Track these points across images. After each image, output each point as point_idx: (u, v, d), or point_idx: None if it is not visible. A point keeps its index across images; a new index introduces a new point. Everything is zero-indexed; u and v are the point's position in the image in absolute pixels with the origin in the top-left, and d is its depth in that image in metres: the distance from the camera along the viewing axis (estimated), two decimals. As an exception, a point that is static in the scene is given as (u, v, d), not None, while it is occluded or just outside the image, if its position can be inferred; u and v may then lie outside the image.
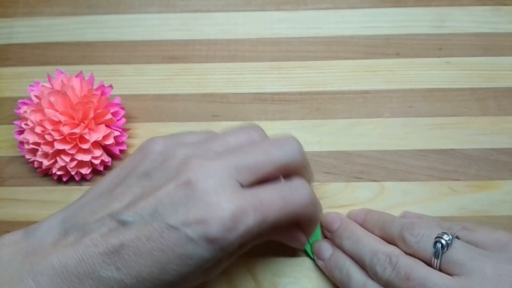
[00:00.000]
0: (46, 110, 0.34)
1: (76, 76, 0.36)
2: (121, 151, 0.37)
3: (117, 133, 0.35)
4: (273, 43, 0.41)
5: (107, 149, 0.36)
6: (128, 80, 0.40)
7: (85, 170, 0.35)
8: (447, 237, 0.27)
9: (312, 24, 0.42)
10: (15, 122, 0.36)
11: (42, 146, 0.34)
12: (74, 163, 0.34)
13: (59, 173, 0.35)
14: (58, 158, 0.34)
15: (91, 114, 0.34)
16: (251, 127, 0.28)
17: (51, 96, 0.34)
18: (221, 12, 0.43)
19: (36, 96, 0.35)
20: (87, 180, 0.36)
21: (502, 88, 0.38)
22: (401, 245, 0.28)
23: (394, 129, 0.37)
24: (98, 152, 0.35)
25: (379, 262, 0.28)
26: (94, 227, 0.24)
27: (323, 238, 0.33)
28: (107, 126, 0.35)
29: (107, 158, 0.36)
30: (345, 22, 0.42)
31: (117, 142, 0.36)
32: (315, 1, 0.43)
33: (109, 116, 0.35)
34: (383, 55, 0.40)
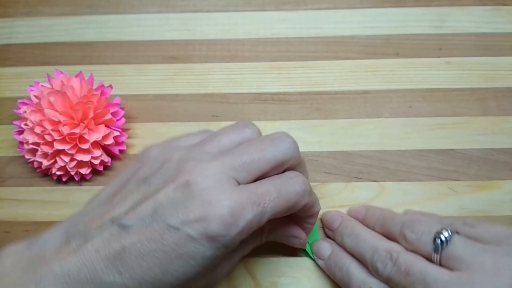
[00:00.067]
0: (46, 110, 0.34)
1: (76, 76, 0.36)
2: (121, 151, 0.37)
3: (117, 133, 0.35)
4: (273, 43, 0.41)
5: (107, 149, 0.36)
6: (128, 80, 0.40)
7: (85, 170, 0.35)
8: (447, 233, 0.27)
9: (312, 24, 0.42)
10: (15, 122, 0.36)
11: (42, 146, 0.34)
12: (74, 163, 0.34)
13: (59, 173, 0.35)
14: (58, 158, 0.34)
15: (91, 114, 0.34)
16: (245, 125, 0.28)
17: (51, 96, 0.34)
18: (221, 12, 0.43)
19: (36, 96, 0.35)
20: (87, 180, 0.36)
21: (502, 88, 0.38)
22: (402, 242, 0.29)
23: (394, 129, 0.37)
24: (98, 152, 0.35)
25: (380, 259, 0.28)
26: (96, 233, 0.24)
27: (323, 237, 0.33)
28: (107, 126, 0.35)
29: (107, 158, 0.36)
30: (345, 22, 0.42)
31: (117, 142, 0.36)
32: (315, 1, 0.43)
33: (109, 116, 0.35)
34: (383, 55, 0.40)
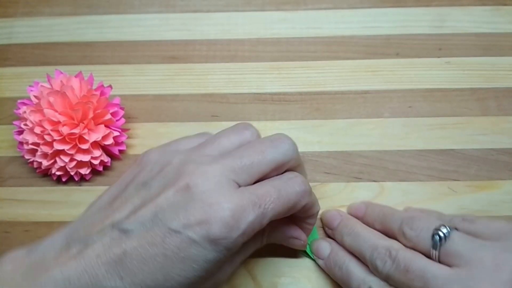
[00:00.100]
0: (46, 111, 0.33)
1: (76, 76, 0.36)
2: (121, 151, 0.37)
3: (117, 133, 0.35)
4: (273, 43, 0.41)
5: (107, 149, 0.36)
6: (128, 80, 0.40)
7: (84, 170, 0.35)
8: (445, 229, 0.27)
9: (312, 24, 0.42)
10: (15, 123, 0.36)
11: (42, 147, 0.34)
12: (73, 163, 0.34)
13: (59, 173, 0.35)
14: (58, 159, 0.34)
15: (91, 114, 0.34)
16: (244, 127, 0.28)
17: (51, 96, 0.34)
18: (221, 12, 0.43)
19: (36, 96, 0.35)
20: (87, 181, 0.36)
21: (502, 88, 0.38)
22: (401, 239, 0.29)
23: (394, 129, 0.37)
24: (98, 153, 0.35)
25: (379, 256, 0.28)
26: (96, 238, 0.24)
27: (322, 237, 0.33)
28: (107, 126, 0.35)
29: (107, 159, 0.36)
30: (345, 22, 0.42)
31: (117, 142, 0.36)
32: (315, 1, 0.43)
33: (109, 116, 0.35)
34: (383, 55, 0.40)
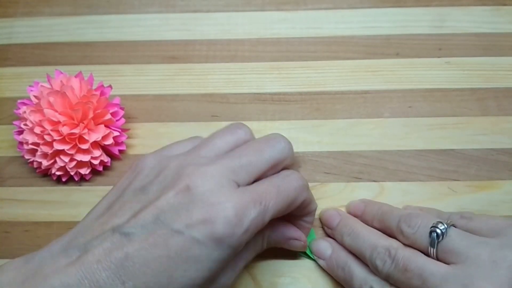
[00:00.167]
0: (45, 111, 0.33)
1: (76, 76, 0.36)
2: (121, 151, 0.37)
3: (117, 133, 0.35)
4: (273, 43, 0.41)
5: (107, 150, 0.36)
6: (128, 80, 0.40)
7: (84, 170, 0.35)
8: (442, 226, 0.27)
9: (312, 24, 0.42)
10: (15, 123, 0.36)
11: (42, 147, 0.34)
12: (73, 163, 0.34)
13: (59, 173, 0.35)
14: (57, 159, 0.34)
15: (91, 114, 0.34)
16: (237, 127, 0.28)
17: (50, 96, 0.34)
18: (221, 12, 0.43)
19: (36, 97, 0.35)
20: (86, 181, 0.36)
21: (502, 88, 0.38)
22: (400, 237, 0.29)
23: (394, 129, 0.37)
24: (98, 153, 0.35)
25: (379, 256, 0.28)
26: (96, 244, 0.23)
27: (323, 237, 0.33)
28: (107, 126, 0.35)
29: (106, 159, 0.36)
30: (345, 22, 0.42)
31: (117, 143, 0.36)
32: (315, 1, 0.43)
33: (109, 116, 0.35)
34: (383, 55, 0.40)
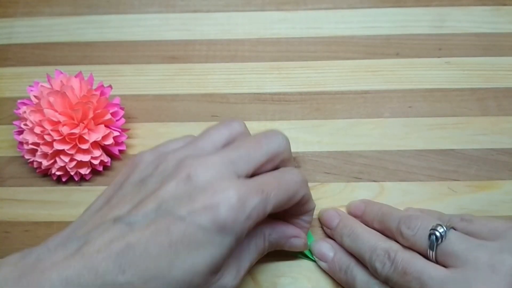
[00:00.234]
0: (46, 111, 0.33)
1: (76, 76, 0.36)
2: (121, 151, 0.37)
3: (117, 133, 0.35)
4: (273, 43, 0.41)
5: (107, 150, 0.36)
6: (128, 80, 0.40)
7: (84, 170, 0.35)
8: (442, 229, 0.27)
9: (312, 24, 0.42)
10: (15, 123, 0.36)
11: (42, 147, 0.34)
12: (73, 163, 0.34)
13: (59, 173, 0.35)
14: (58, 159, 0.34)
15: (91, 114, 0.34)
16: (230, 120, 0.28)
17: (50, 96, 0.34)
18: (221, 12, 0.43)
19: (36, 96, 0.35)
20: (86, 181, 0.36)
21: (502, 88, 0.38)
22: (399, 239, 0.29)
23: (394, 129, 0.37)
24: (98, 153, 0.35)
25: (378, 259, 0.28)
26: (96, 234, 0.23)
27: (324, 238, 0.33)
28: (107, 126, 0.35)
29: (106, 159, 0.36)
30: (345, 22, 0.42)
31: (117, 143, 0.36)
32: (315, 1, 0.43)
33: (109, 116, 0.35)
34: (383, 55, 0.40)
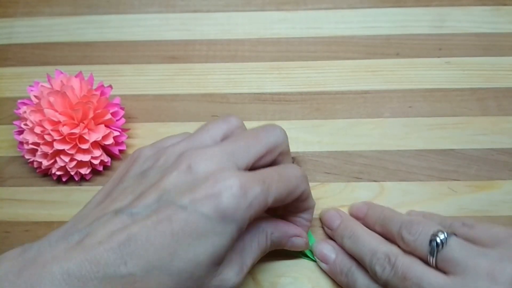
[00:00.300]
0: (46, 110, 0.33)
1: (76, 76, 0.36)
2: (121, 151, 0.37)
3: (117, 133, 0.35)
4: (273, 43, 0.41)
5: (107, 149, 0.36)
6: (128, 80, 0.40)
7: (85, 170, 0.35)
8: (442, 235, 0.27)
9: (312, 24, 0.42)
10: (15, 122, 0.36)
11: (42, 146, 0.34)
12: (74, 163, 0.34)
13: (59, 173, 0.35)
14: (58, 158, 0.34)
15: (91, 114, 0.34)
16: (228, 116, 0.28)
17: (51, 96, 0.34)
18: (221, 12, 0.43)
19: (36, 96, 0.35)
20: (87, 180, 0.36)
21: (502, 88, 0.38)
22: (400, 243, 0.28)
23: (394, 129, 0.37)
24: (98, 152, 0.35)
25: (379, 262, 0.28)
26: (97, 226, 0.23)
27: (326, 239, 0.33)
28: (107, 126, 0.35)
29: (107, 158, 0.36)
30: (345, 22, 0.42)
31: (117, 142, 0.36)
32: (315, 1, 0.43)
33: (109, 116, 0.35)
34: (383, 55, 0.40)
